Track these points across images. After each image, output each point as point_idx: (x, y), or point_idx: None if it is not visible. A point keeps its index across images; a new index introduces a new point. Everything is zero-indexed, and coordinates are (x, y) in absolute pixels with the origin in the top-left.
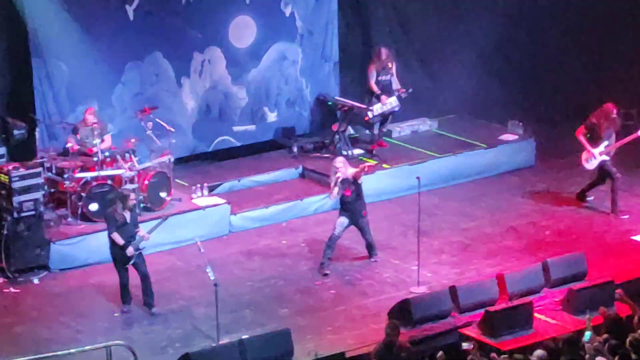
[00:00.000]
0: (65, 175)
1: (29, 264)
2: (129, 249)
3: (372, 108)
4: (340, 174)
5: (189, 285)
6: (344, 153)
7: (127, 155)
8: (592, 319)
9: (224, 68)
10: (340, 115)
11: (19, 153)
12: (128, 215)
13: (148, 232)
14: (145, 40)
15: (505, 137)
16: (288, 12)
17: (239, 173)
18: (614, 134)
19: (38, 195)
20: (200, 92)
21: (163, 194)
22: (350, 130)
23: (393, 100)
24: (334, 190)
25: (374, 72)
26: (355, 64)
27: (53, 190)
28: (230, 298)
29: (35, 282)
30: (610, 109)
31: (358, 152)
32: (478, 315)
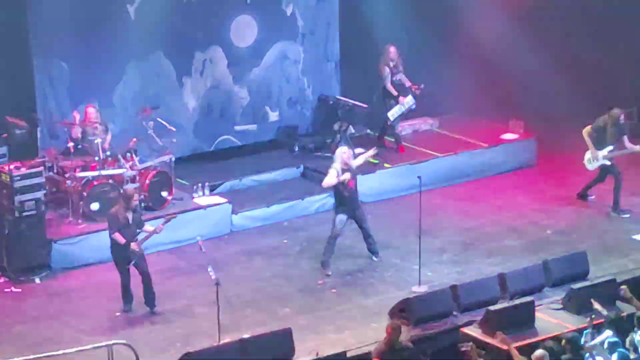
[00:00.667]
0: (67, 175)
1: (30, 264)
2: (133, 244)
3: (391, 112)
4: (349, 164)
5: (190, 285)
6: None
7: (128, 155)
8: (593, 319)
9: (226, 67)
10: (342, 115)
11: (21, 152)
12: (130, 216)
13: (155, 229)
14: (147, 40)
15: (507, 136)
16: (289, 11)
17: (241, 172)
18: (620, 140)
19: (39, 195)
20: (202, 91)
21: (164, 193)
22: (352, 130)
23: (409, 99)
24: (344, 175)
25: (388, 72)
26: (357, 63)
27: (54, 190)
28: (232, 297)
29: (37, 281)
30: (618, 115)
31: (359, 151)
32: (479, 315)
